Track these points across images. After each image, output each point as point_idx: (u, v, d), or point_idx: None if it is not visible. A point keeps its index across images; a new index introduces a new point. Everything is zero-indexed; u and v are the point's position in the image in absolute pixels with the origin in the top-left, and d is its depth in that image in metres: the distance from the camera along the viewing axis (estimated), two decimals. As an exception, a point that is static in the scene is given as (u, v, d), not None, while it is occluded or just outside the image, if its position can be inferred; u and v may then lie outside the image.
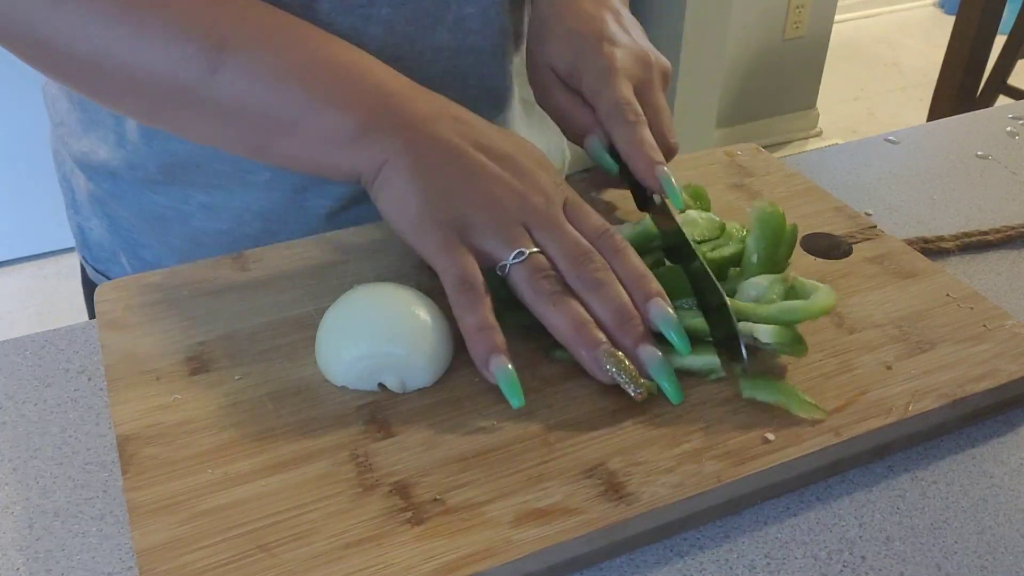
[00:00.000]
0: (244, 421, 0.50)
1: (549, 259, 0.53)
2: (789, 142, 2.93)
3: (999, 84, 2.45)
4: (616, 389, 0.51)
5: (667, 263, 0.59)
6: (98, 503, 0.50)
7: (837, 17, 2.90)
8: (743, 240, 0.59)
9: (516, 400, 0.49)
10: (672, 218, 0.60)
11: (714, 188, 0.71)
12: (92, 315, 0.82)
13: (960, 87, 2.45)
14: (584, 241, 0.54)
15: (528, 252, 0.52)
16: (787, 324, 0.53)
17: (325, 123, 0.55)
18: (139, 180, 0.72)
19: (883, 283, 0.61)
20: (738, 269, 0.59)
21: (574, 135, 0.67)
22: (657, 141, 0.62)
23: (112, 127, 0.71)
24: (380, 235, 0.65)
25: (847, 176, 0.80)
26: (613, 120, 0.62)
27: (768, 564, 0.47)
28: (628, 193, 0.68)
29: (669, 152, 0.64)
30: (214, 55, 0.54)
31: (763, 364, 0.54)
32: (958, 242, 0.71)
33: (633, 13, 0.72)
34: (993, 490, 0.51)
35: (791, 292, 0.56)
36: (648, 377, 0.51)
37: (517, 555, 0.43)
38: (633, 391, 0.50)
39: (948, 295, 0.60)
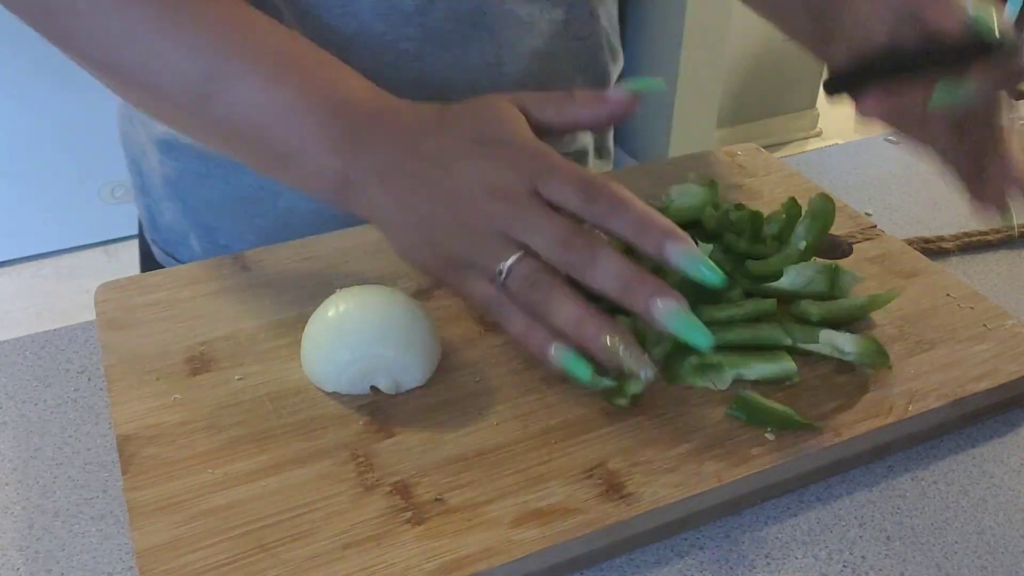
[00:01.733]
0: (244, 421, 0.50)
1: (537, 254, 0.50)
2: (789, 142, 2.93)
3: (999, 84, 2.45)
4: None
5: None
6: (98, 503, 0.50)
7: (837, 17, 2.90)
8: (783, 222, 0.60)
9: (583, 373, 0.48)
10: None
11: (714, 188, 0.71)
12: None
13: (960, 87, 2.45)
14: (561, 222, 0.49)
15: (507, 266, 0.50)
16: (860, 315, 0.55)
17: (308, 165, 0.54)
18: (229, 159, 0.71)
19: (883, 283, 0.61)
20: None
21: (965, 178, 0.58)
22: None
23: None
24: (380, 235, 0.65)
25: (847, 176, 0.80)
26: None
27: (768, 564, 0.47)
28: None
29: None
30: (208, 86, 0.54)
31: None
32: (958, 242, 0.71)
33: (633, 13, 0.72)
34: (993, 490, 0.51)
35: (837, 281, 0.57)
36: (671, 333, 0.47)
37: (517, 555, 0.43)
38: (644, 374, 0.48)
39: (948, 295, 0.60)
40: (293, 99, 0.53)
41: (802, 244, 0.58)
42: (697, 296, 0.53)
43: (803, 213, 0.59)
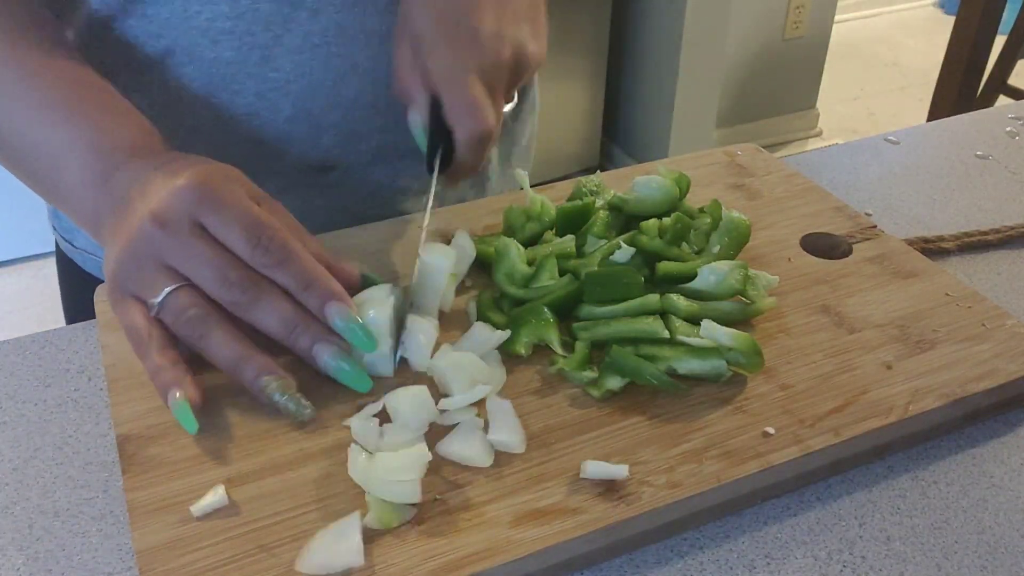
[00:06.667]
0: (244, 421, 0.50)
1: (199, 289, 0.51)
2: (789, 142, 2.93)
3: (999, 84, 2.45)
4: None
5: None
6: (98, 503, 0.50)
7: (837, 17, 2.90)
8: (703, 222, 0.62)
9: (191, 427, 0.49)
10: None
11: (714, 188, 0.71)
12: (68, 303, 0.83)
13: (960, 87, 2.45)
14: (223, 258, 0.50)
15: (159, 300, 0.50)
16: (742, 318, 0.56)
17: (73, 200, 0.56)
18: None
19: (883, 283, 0.61)
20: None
21: (398, 92, 0.62)
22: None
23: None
24: (379, 235, 0.65)
25: (847, 176, 0.80)
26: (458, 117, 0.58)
27: (768, 564, 0.47)
28: None
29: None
30: (4, 125, 0.58)
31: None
32: (958, 242, 0.71)
33: (633, 13, 0.71)
34: (993, 490, 0.51)
35: (749, 281, 0.58)
36: (329, 372, 0.51)
37: (517, 555, 0.43)
38: (301, 413, 0.49)
39: (948, 295, 0.60)
40: (68, 142, 0.56)
41: (716, 249, 0.61)
42: (604, 293, 0.56)
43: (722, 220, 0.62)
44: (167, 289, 0.50)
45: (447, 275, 0.56)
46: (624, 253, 0.59)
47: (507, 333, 0.54)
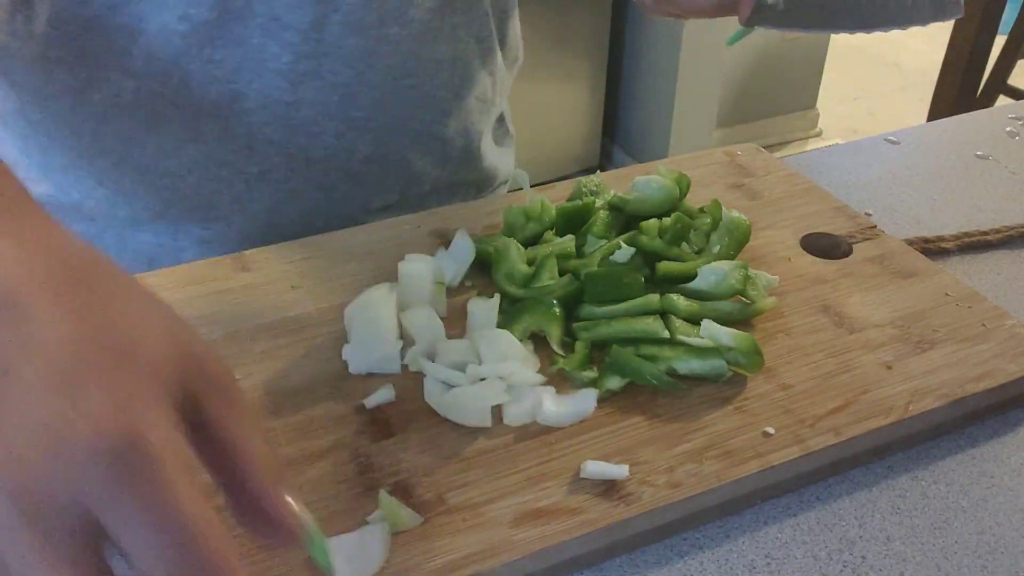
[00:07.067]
0: (244, 421, 0.50)
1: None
2: (789, 142, 2.93)
3: (999, 84, 2.45)
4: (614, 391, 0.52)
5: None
6: (98, 503, 0.50)
7: (837, 17, 2.90)
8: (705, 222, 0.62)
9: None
10: None
11: (714, 188, 0.71)
12: None
13: (960, 87, 2.45)
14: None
15: None
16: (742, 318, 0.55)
17: None
18: (122, 220, 0.69)
19: (883, 283, 0.61)
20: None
21: None
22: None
23: (86, 168, 0.67)
24: (378, 236, 0.65)
25: (847, 176, 0.80)
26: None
27: (768, 564, 0.47)
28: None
29: None
30: None
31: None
32: (958, 242, 0.70)
33: (633, 13, 0.71)
34: (993, 490, 0.51)
35: (749, 281, 0.58)
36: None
37: (517, 555, 0.43)
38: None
39: (948, 295, 0.60)
40: None
41: (716, 249, 0.61)
42: (604, 293, 0.56)
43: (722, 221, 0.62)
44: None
45: (431, 284, 0.57)
46: (624, 253, 0.59)
47: (497, 298, 0.56)
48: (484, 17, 0.73)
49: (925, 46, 3.65)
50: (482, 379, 0.51)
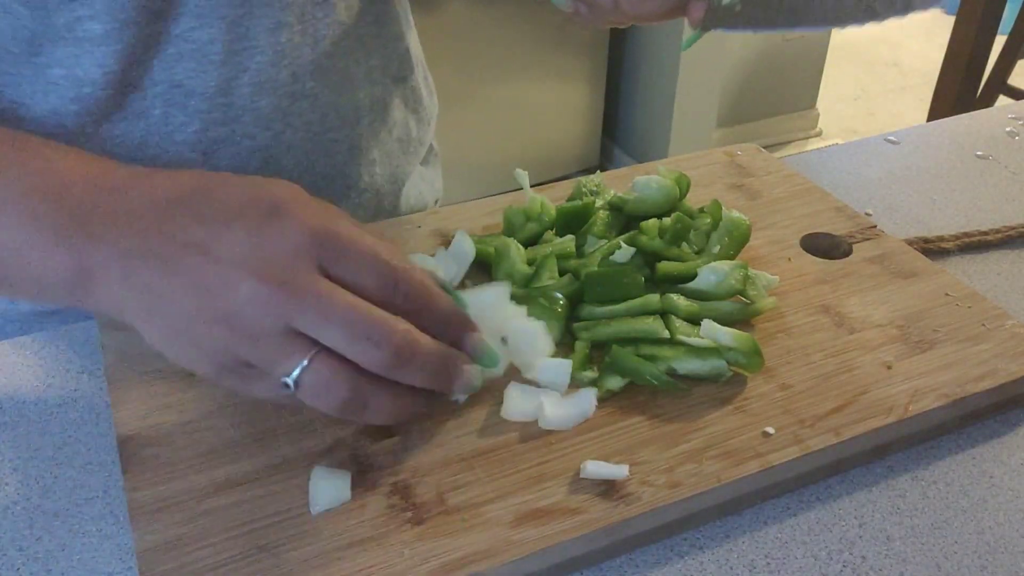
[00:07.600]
0: (244, 421, 0.50)
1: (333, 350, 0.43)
2: (789, 142, 2.93)
3: (999, 84, 2.45)
4: (614, 392, 0.52)
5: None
6: (98, 503, 0.50)
7: (837, 17, 2.90)
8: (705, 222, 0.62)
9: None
10: None
11: (714, 188, 0.71)
12: None
13: (960, 87, 2.45)
14: (356, 313, 0.42)
15: (293, 379, 0.42)
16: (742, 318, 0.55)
17: (34, 265, 0.44)
18: (26, 313, 0.67)
19: (883, 283, 0.61)
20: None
21: None
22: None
23: None
24: (379, 235, 0.65)
25: (847, 176, 0.80)
26: None
27: (768, 564, 0.47)
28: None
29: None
30: None
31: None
32: (958, 242, 0.71)
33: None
34: (993, 490, 0.51)
35: (749, 281, 0.58)
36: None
37: (517, 555, 0.43)
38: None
39: (948, 295, 0.60)
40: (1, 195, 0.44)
41: (716, 249, 0.61)
42: (604, 293, 0.56)
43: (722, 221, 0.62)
44: (299, 368, 0.42)
45: None
46: (624, 253, 0.59)
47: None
48: (405, 54, 0.72)
49: (925, 46, 3.65)
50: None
